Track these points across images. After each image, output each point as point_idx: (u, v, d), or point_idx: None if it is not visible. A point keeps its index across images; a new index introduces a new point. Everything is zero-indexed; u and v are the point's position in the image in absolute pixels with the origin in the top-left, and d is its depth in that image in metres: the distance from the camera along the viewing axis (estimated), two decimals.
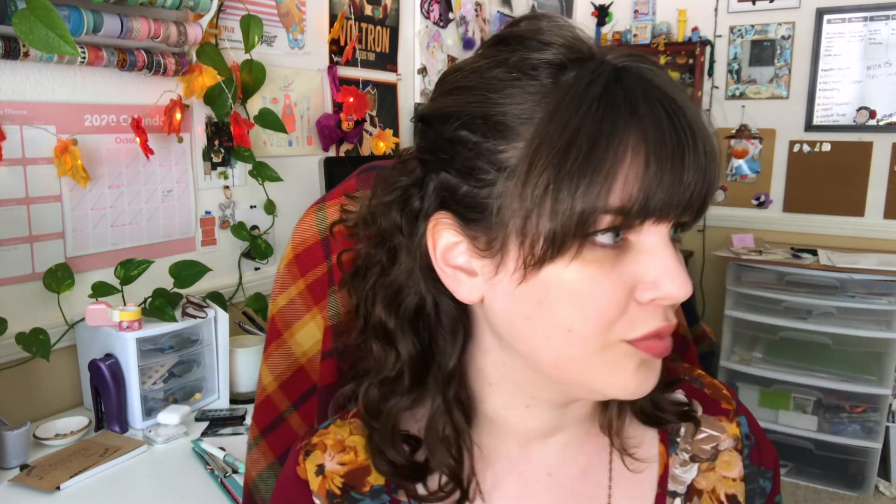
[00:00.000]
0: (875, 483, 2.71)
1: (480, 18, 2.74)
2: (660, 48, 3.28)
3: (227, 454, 1.20)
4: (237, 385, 1.52)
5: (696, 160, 0.43)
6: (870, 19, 2.97)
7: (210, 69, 1.61)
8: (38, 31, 1.13)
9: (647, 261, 0.45)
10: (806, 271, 2.70)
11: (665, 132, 0.43)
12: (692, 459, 0.58)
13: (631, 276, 0.45)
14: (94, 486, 1.15)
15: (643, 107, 0.43)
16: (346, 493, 0.56)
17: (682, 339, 0.77)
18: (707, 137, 0.45)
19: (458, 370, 0.54)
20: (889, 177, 2.98)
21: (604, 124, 0.42)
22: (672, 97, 0.44)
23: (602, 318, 0.45)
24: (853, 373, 2.68)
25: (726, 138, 3.27)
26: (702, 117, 0.45)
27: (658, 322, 0.46)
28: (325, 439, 0.58)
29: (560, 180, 0.42)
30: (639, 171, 0.42)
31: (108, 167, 1.50)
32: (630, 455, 0.56)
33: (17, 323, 1.33)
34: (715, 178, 0.45)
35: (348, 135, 2.10)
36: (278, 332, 0.72)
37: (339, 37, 2.08)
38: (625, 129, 0.42)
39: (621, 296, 0.45)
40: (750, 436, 0.59)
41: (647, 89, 0.44)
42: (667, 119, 0.43)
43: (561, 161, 0.42)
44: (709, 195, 0.45)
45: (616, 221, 0.43)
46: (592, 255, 0.44)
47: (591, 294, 0.44)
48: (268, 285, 1.89)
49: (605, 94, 0.43)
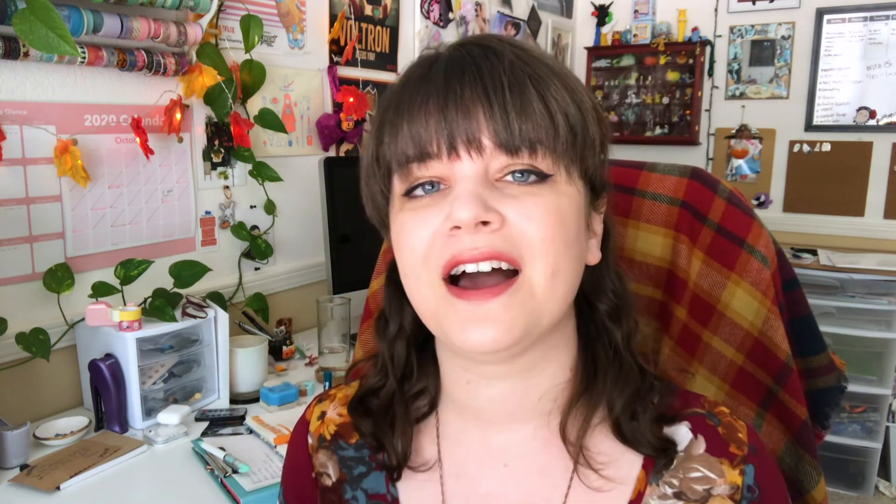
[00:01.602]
0: (875, 483, 2.71)
1: (480, 18, 2.74)
2: (660, 48, 3.28)
3: (227, 454, 1.20)
4: (237, 385, 1.52)
5: (449, 107, 0.49)
6: (870, 19, 2.97)
7: (210, 69, 1.61)
8: (38, 31, 1.12)
9: (452, 197, 0.50)
10: (806, 271, 2.70)
11: (415, 93, 0.51)
12: (677, 496, 0.54)
13: (443, 212, 0.50)
14: (94, 486, 1.14)
15: (428, 76, 0.52)
16: (335, 441, 0.64)
17: (783, 367, 0.73)
18: (487, 84, 0.50)
19: (399, 333, 0.61)
20: (889, 177, 2.98)
21: (403, 84, 0.53)
22: (455, 64, 0.51)
23: (414, 253, 0.51)
24: (853, 373, 2.68)
25: (726, 138, 3.27)
26: (500, 74, 0.50)
27: (455, 250, 0.49)
28: (338, 392, 0.68)
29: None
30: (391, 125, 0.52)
31: (108, 167, 1.50)
32: (590, 468, 0.54)
33: (17, 323, 1.33)
34: (488, 120, 0.49)
35: (348, 135, 2.10)
36: (371, 312, 0.82)
37: (339, 37, 2.08)
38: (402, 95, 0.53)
39: (424, 233, 0.51)
40: (753, 488, 0.54)
41: (443, 64, 0.52)
42: (418, 76, 0.53)
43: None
44: (473, 134, 0.49)
45: (402, 174, 0.52)
46: (410, 204, 0.52)
47: (405, 235, 0.52)
48: (268, 285, 1.90)
49: (414, 73, 0.53)
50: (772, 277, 0.74)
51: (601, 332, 0.58)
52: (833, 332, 2.67)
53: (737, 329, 0.76)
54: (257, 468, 1.18)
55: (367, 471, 0.62)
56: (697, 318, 0.78)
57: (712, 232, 0.76)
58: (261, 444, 1.29)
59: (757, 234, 0.75)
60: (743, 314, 0.75)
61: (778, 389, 0.75)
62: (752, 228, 0.75)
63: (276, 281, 1.93)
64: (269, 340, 1.69)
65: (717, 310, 0.76)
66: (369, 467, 0.62)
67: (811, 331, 0.80)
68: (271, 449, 1.26)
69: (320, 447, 0.64)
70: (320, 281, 2.03)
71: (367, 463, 0.62)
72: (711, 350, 0.78)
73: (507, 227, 0.49)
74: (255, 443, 1.29)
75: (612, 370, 0.56)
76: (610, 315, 0.58)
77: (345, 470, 0.63)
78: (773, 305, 0.74)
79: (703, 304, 0.77)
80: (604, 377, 0.56)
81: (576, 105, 0.51)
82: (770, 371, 0.75)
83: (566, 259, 0.51)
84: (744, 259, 0.74)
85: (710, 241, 0.76)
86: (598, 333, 0.58)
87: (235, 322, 1.68)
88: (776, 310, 0.74)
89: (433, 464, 0.59)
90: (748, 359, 0.76)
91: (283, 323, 1.86)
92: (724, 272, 0.75)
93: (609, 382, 0.56)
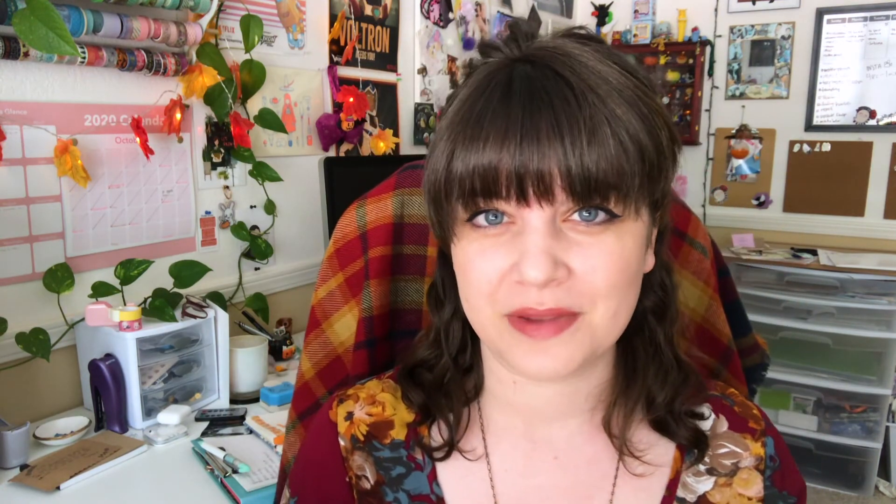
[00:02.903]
0: (875, 483, 2.71)
1: (480, 18, 2.74)
2: (660, 48, 3.28)
3: (227, 454, 1.20)
4: (237, 385, 1.52)
5: (524, 146, 0.46)
6: (870, 19, 2.97)
7: (210, 69, 1.61)
8: (38, 31, 1.13)
9: (518, 243, 0.49)
10: (806, 271, 2.70)
11: (476, 117, 0.49)
12: (709, 472, 0.59)
13: (510, 255, 0.49)
14: (94, 486, 1.15)
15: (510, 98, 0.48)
16: (369, 441, 0.62)
17: (725, 350, 0.78)
18: (571, 123, 0.46)
19: (453, 319, 0.61)
20: (889, 177, 2.98)
21: (476, 107, 0.49)
22: (542, 86, 0.48)
23: (480, 291, 0.50)
24: (853, 373, 2.68)
25: (726, 138, 3.27)
26: (576, 113, 0.47)
27: (522, 301, 0.49)
28: (359, 392, 0.65)
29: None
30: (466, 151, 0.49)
31: (108, 167, 1.50)
32: (634, 456, 0.57)
33: (17, 323, 1.33)
34: (582, 163, 0.46)
35: (348, 135, 2.10)
36: (317, 322, 0.80)
37: (339, 37, 2.08)
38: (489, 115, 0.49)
39: (491, 273, 0.50)
40: (775, 458, 0.59)
41: (521, 91, 0.48)
42: (518, 105, 0.48)
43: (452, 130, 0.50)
44: (574, 180, 0.47)
45: (467, 201, 0.49)
46: (474, 234, 0.50)
47: (471, 269, 0.51)
48: (268, 285, 1.90)
49: (490, 88, 0.49)
50: (710, 266, 0.78)
51: (642, 325, 0.59)
52: (833, 332, 2.67)
53: (681, 317, 0.78)
54: (257, 468, 1.18)
55: (407, 471, 0.60)
56: None
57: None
58: (261, 444, 1.29)
59: (695, 227, 0.78)
60: (686, 303, 0.77)
61: (722, 370, 0.79)
62: (690, 221, 0.77)
63: (276, 281, 1.93)
64: (269, 340, 1.69)
65: None
66: (408, 468, 0.60)
67: (740, 314, 0.86)
68: (271, 449, 1.26)
69: (355, 449, 0.62)
70: None
71: (405, 463, 0.61)
72: None
73: (572, 278, 0.48)
74: (255, 443, 1.29)
75: (653, 366, 0.58)
76: (654, 310, 0.59)
77: (381, 472, 0.61)
78: (714, 293, 0.78)
79: None
80: (644, 372, 0.58)
81: (652, 139, 0.50)
82: (714, 354, 0.79)
83: (627, 299, 0.51)
84: (685, 250, 0.77)
85: None
86: (639, 326, 0.59)
87: (235, 322, 1.68)
88: (717, 297, 0.78)
89: (480, 455, 0.60)
90: (693, 344, 0.79)
91: (283, 323, 1.86)
92: None
93: (650, 378, 0.58)
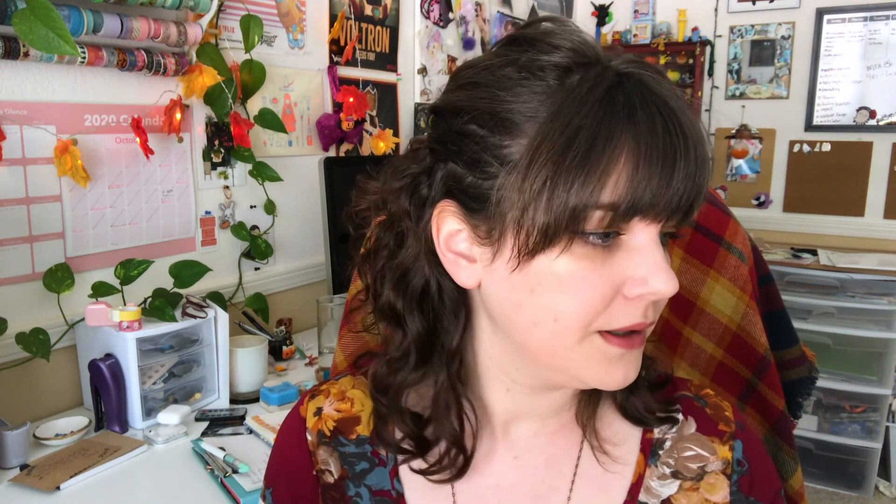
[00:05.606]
0: (875, 483, 2.71)
1: (480, 18, 2.74)
2: (660, 48, 3.28)
3: (227, 454, 1.20)
4: (237, 385, 1.52)
5: (686, 166, 0.45)
6: (870, 19, 2.97)
7: (210, 69, 1.61)
8: (38, 31, 1.13)
9: (636, 258, 0.47)
10: (806, 271, 2.70)
11: (659, 137, 0.45)
12: (674, 475, 0.58)
13: (619, 273, 0.47)
14: (94, 486, 1.14)
15: (640, 112, 0.45)
16: (335, 437, 0.63)
17: (761, 360, 0.76)
18: (699, 145, 0.46)
19: (461, 349, 0.57)
20: (889, 177, 2.98)
21: (602, 126, 0.45)
22: (669, 105, 0.46)
23: (586, 310, 0.47)
24: (853, 373, 2.68)
25: (726, 138, 3.27)
26: (698, 126, 0.47)
27: (636, 318, 0.48)
28: (331, 388, 0.66)
29: (557, 176, 0.44)
30: (630, 172, 0.44)
31: (108, 167, 1.50)
32: (604, 451, 0.57)
33: (17, 323, 1.33)
34: (704, 183, 0.47)
35: (348, 135, 2.10)
36: (352, 316, 0.79)
37: (339, 37, 2.08)
38: (621, 133, 0.44)
39: (606, 291, 0.47)
40: (743, 462, 0.58)
41: (647, 96, 0.46)
42: (662, 125, 0.45)
43: (559, 158, 0.44)
44: (696, 200, 0.47)
45: (605, 219, 0.45)
46: (583, 250, 0.46)
47: (578, 287, 0.47)
48: (268, 285, 1.90)
49: (606, 98, 0.45)
50: (749, 273, 0.77)
51: None
52: (833, 332, 2.67)
53: (716, 324, 0.78)
54: (257, 468, 1.18)
55: (370, 466, 0.61)
56: (678, 314, 0.80)
57: (690, 230, 0.78)
58: (261, 444, 1.29)
59: (734, 232, 0.77)
60: (722, 309, 0.77)
61: (757, 382, 0.77)
62: (728, 226, 0.77)
63: (276, 281, 1.94)
64: (269, 340, 1.69)
65: (697, 306, 0.79)
66: (372, 463, 0.61)
67: (785, 324, 0.84)
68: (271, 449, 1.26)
69: (321, 443, 0.63)
70: (320, 281, 2.03)
71: (370, 458, 0.62)
72: (692, 345, 0.80)
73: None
74: (255, 443, 1.29)
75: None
76: None
77: (346, 466, 0.62)
78: (750, 300, 0.77)
79: (682, 301, 0.79)
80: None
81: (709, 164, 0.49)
82: (749, 364, 0.77)
83: None
84: (722, 256, 0.76)
85: (688, 239, 0.78)
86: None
87: (235, 322, 1.68)
88: (754, 304, 0.77)
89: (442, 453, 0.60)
90: (727, 353, 0.79)
91: (283, 323, 1.86)
92: (702, 269, 0.78)
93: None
